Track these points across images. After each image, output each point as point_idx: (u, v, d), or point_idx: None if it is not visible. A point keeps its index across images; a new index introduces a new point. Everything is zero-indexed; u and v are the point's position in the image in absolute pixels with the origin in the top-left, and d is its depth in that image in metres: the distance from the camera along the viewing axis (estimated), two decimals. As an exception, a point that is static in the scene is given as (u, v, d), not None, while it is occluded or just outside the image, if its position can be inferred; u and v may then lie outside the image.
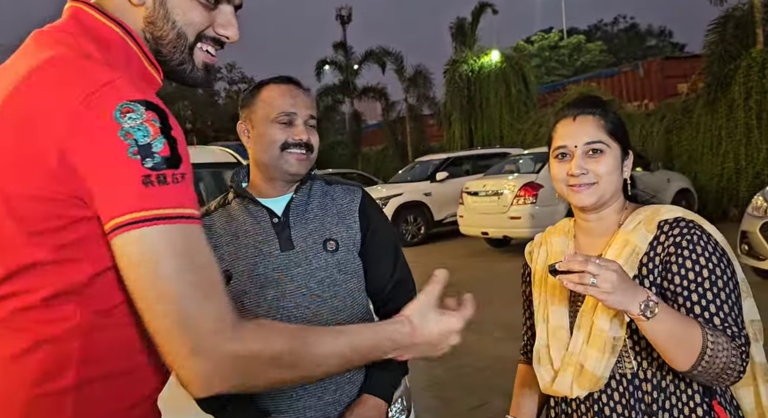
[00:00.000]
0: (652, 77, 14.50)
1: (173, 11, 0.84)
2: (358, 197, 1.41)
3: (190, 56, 0.87)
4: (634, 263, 1.12)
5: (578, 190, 1.15)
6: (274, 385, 0.80)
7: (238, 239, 1.33)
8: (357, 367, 0.94)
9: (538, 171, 8.28)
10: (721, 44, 9.64)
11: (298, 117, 1.31)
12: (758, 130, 9.21)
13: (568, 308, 1.20)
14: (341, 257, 1.34)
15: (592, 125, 1.16)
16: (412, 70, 17.43)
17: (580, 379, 1.12)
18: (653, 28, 42.62)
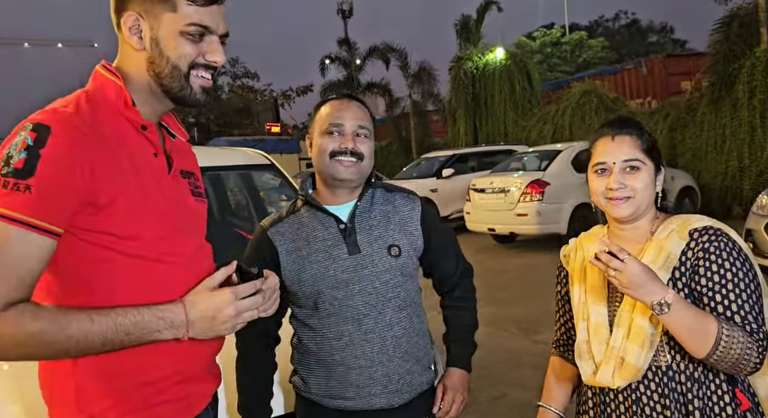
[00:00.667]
0: (655, 75, 14.57)
1: (166, 49, 1.03)
2: (418, 207, 1.53)
3: (187, 83, 1.06)
4: (669, 267, 1.24)
5: (616, 203, 1.27)
6: (30, 359, 0.94)
7: (309, 244, 1.45)
8: (139, 343, 0.96)
9: (544, 169, 8.39)
10: (725, 43, 9.72)
11: (345, 127, 1.43)
12: (762, 129, 9.32)
13: (606, 307, 1.32)
14: (403, 262, 1.46)
15: (630, 144, 1.28)
16: (416, 66, 17.49)
17: (622, 371, 1.24)
18: (654, 24, 42.62)
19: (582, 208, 8.16)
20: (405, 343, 1.45)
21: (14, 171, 0.88)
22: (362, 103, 1.51)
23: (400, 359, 1.44)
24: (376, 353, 1.42)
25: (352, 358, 1.42)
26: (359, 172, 1.44)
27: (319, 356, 1.45)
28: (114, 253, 0.98)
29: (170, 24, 1.02)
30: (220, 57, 1.06)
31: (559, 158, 8.44)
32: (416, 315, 1.51)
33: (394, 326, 1.43)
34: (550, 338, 1.52)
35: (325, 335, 1.44)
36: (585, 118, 12.68)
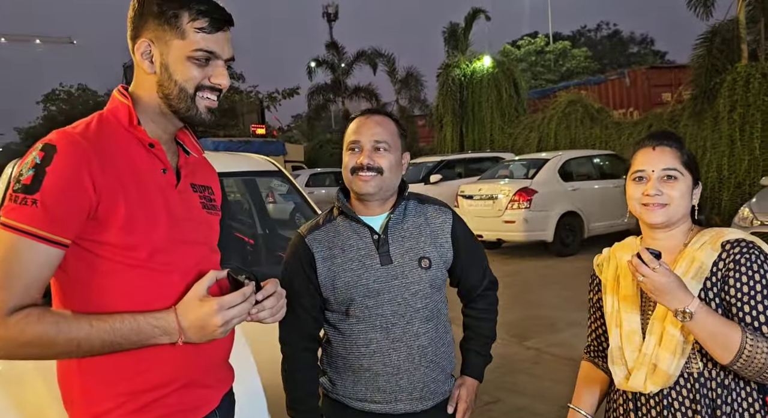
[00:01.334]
0: (638, 86, 14.90)
1: (174, 73, 1.11)
2: (450, 219, 1.57)
3: (193, 104, 1.13)
4: (701, 278, 1.28)
5: (652, 209, 1.31)
6: (35, 359, 1.03)
7: (344, 252, 1.49)
8: (139, 346, 1.03)
9: (531, 177, 8.53)
10: (708, 58, 9.99)
11: (362, 143, 1.48)
12: (741, 143, 9.59)
13: (639, 315, 1.37)
14: (433, 274, 1.50)
15: (670, 155, 1.33)
16: (403, 72, 17.62)
17: (654, 377, 1.29)
18: (635, 35, 43.50)
19: (568, 216, 8.33)
20: (431, 353, 1.49)
21: (23, 187, 0.98)
22: (387, 116, 1.55)
23: (425, 368, 1.48)
24: (403, 361, 1.46)
25: (379, 364, 1.46)
26: (380, 186, 1.47)
27: (348, 360, 1.50)
28: (115, 263, 1.04)
29: (178, 50, 1.10)
30: (224, 80, 1.13)
31: (547, 167, 8.58)
32: (442, 326, 1.55)
33: (421, 336, 1.48)
34: (541, 343, 1.57)
35: (354, 341, 1.48)
36: (570, 127, 12.91)
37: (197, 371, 1.14)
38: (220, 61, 1.13)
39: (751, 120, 9.51)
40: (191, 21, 1.09)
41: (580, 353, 1.62)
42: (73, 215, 1.00)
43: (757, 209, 5.70)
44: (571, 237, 8.45)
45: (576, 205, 8.39)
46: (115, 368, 1.06)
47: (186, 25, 1.09)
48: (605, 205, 8.46)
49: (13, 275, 0.97)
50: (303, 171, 15.78)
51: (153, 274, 1.07)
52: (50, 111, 44.59)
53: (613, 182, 8.87)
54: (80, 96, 43.64)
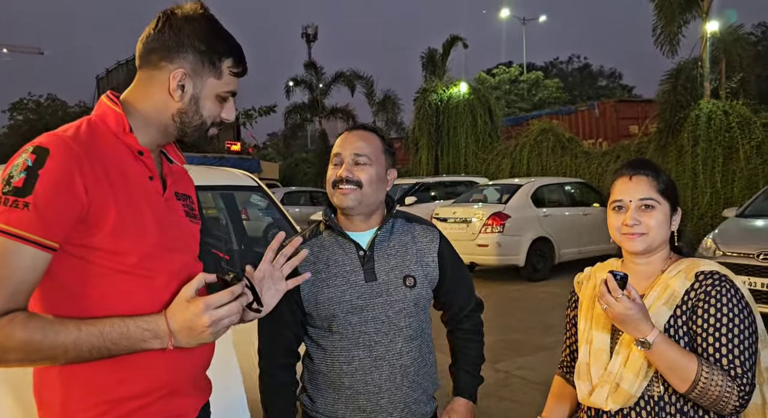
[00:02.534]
0: (607, 117, 15.40)
1: (203, 107, 1.17)
2: (437, 239, 1.55)
3: (205, 134, 1.20)
4: (672, 305, 1.32)
5: (631, 238, 1.36)
6: (23, 364, 1.02)
7: (329, 267, 1.47)
8: (129, 352, 1.02)
9: (505, 202, 8.69)
10: (672, 94, 10.42)
11: (343, 157, 1.47)
12: (703, 176, 9.98)
13: (610, 334, 1.42)
14: (417, 293, 1.48)
15: (646, 185, 1.36)
16: (381, 94, 17.83)
17: (615, 395, 1.32)
18: (604, 69, 45.08)
19: (539, 241, 8.48)
20: (413, 372, 1.47)
21: (14, 190, 0.96)
22: (372, 131, 1.53)
23: (407, 388, 1.46)
24: (384, 380, 1.44)
25: (360, 383, 1.44)
26: (359, 200, 1.45)
27: (329, 377, 1.47)
28: (102, 267, 1.04)
29: (212, 88, 1.16)
30: (233, 116, 1.22)
31: (520, 192, 8.76)
32: (426, 346, 1.53)
33: (404, 355, 1.46)
34: (511, 366, 1.60)
35: (336, 358, 1.46)
36: (542, 154, 13.23)
37: (180, 379, 1.14)
38: (233, 98, 1.21)
39: (713, 155, 9.92)
40: (231, 66, 1.17)
41: (547, 377, 1.64)
42: (64, 218, 0.99)
43: (720, 240, 5.91)
44: (542, 263, 8.59)
45: (547, 231, 8.56)
46: (97, 376, 1.04)
47: (225, 67, 1.16)
48: (575, 232, 8.67)
49: (2, 279, 0.95)
50: (278, 189, 15.71)
51: (140, 280, 1.07)
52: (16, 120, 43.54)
53: (583, 210, 9.11)
54: (49, 106, 42.77)
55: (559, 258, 8.64)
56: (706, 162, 9.96)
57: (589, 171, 12.23)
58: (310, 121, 21.16)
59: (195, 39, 1.13)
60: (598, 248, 8.60)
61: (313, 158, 21.61)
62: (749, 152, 9.65)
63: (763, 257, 5.39)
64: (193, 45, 1.13)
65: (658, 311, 1.33)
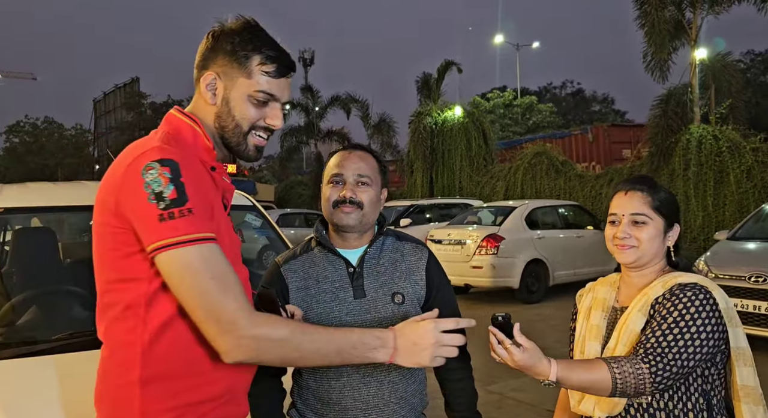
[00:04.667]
0: (600, 142, 15.62)
1: (234, 109, 1.16)
2: (425, 257, 1.56)
3: (244, 140, 1.18)
4: (645, 311, 1.37)
5: (621, 249, 1.42)
6: (283, 362, 1.06)
7: (318, 284, 1.49)
8: (349, 360, 1.07)
9: (499, 224, 8.73)
10: (663, 118, 10.62)
11: (345, 177, 1.49)
12: (695, 199, 10.10)
13: (600, 345, 1.45)
14: (406, 310, 1.48)
15: (639, 200, 1.41)
16: (377, 117, 18.01)
17: (600, 403, 1.37)
18: (597, 94, 45.75)
19: (533, 263, 8.50)
20: (401, 389, 1.48)
21: (172, 202, 0.99)
22: (370, 152, 1.57)
23: (395, 405, 1.47)
24: (372, 396, 1.45)
25: (349, 399, 1.44)
26: (359, 220, 1.48)
27: (318, 392, 1.48)
28: None
29: (242, 88, 1.15)
30: (279, 122, 1.19)
31: (514, 214, 8.80)
32: None
33: (392, 371, 1.46)
34: (505, 388, 1.59)
35: (324, 374, 1.46)
36: (536, 177, 13.35)
37: (238, 388, 1.17)
38: (278, 104, 1.19)
39: (704, 178, 10.06)
40: (260, 64, 1.15)
41: (540, 398, 1.65)
42: (210, 213, 1.06)
43: (712, 263, 5.95)
44: (537, 285, 8.60)
45: (541, 253, 8.58)
46: (176, 381, 1.06)
47: (255, 66, 1.14)
48: (569, 254, 8.70)
49: (224, 277, 1.00)
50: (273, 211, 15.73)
51: None
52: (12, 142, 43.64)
53: (577, 232, 9.16)
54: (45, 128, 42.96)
55: (554, 280, 8.64)
56: (698, 186, 10.09)
57: (583, 194, 12.34)
58: (305, 144, 21.30)
59: (225, 42, 1.15)
60: (593, 270, 8.60)
61: (309, 180, 21.68)
62: (740, 176, 9.79)
63: (754, 279, 5.43)
64: (223, 47, 1.15)
65: (633, 318, 1.38)
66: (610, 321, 1.47)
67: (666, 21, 10.76)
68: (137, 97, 30.92)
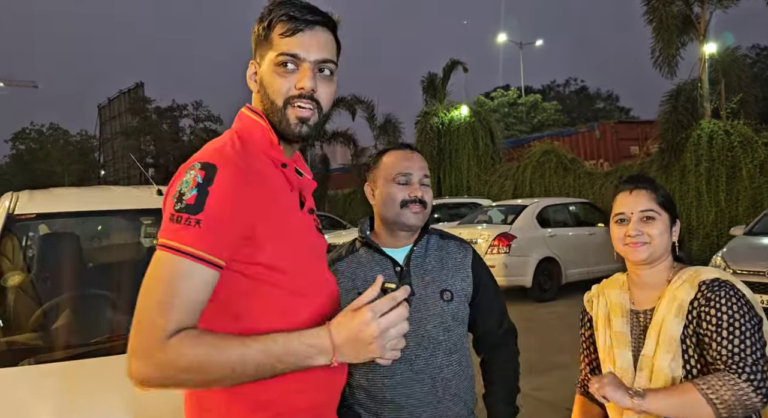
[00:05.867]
0: (607, 139, 15.55)
1: (267, 86, 1.07)
2: (470, 254, 1.59)
3: (284, 115, 1.06)
4: (682, 315, 1.37)
5: (634, 247, 1.42)
6: (196, 386, 0.96)
7: (366, 284, 1.45)
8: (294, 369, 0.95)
9: (510, 223, 8.70)
10: (674, 114, 10.55)
11: (413, 177, 1.50)
12: (707, 195, 10.04)
13: (631, 351, 1.43)
14: (455, 307, 1.51)
15: (646, 197, 1.44)
16: (382, 118, 17.99)
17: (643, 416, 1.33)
18: (601, 91, 45.65)
19: (545, 262, 8.46)
20: (454, 386, 1.49)
21: (186, 207, 0.93)
22: (420, 154, 1.59)
23: (449, 402, 1.47)
24: (426, 393, 1.45)
25: (402, 397, 1.45)
26: (424, 219, 1.52)
27: (371, 392, 1.48)
28: (261, 283, 1.00)
29: (269, 61, 1.06)
30: (308, 83, 1.04)
31: (525, 213, 8.78)
32: (465, 360, 1.55)
33: (444, 368, 1.47)
34: (525, 387, 1.57)
35: (377, 372, 1.46)
36: (545, 175, 13.30)
37: (331, 400, 1.11)
38: (305, 63, 1.05)
39: (716, 174, 9.99)
40: (279, 29, 1.05)
41: (562, 397, 1.63)
42: (233, 235, 0.96)
43: (729, 258, 5.93)
44: (549, 283, 8.56)
45: (553, 252, 8.55)
46: (263, 390, 0.98)
47: (275, 35, 1.05)
48: (581, 252, 8.66)
49: (175, 297, 0.91)
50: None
51: (296, 298, 1.03)
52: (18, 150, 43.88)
53: (588, 230, 9.12)
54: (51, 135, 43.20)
55: (566, 278, 8.61)
56: (710, 181, 10.03)
57: (592, 191, 12.28)
58: (311, 146, 21.30)
59: (254, 27, 1.09)
60: (606, 267, 8.56)
61: (315, 182, 21.63)
62: (752, 171, 9.73)
63: (774, 274, 5.40)
64: (253, 32, 1.09)
65: (671, 324, 1.37)
66: (634, 326, 1.46)
67: (674, 16, 10.70)
68: (142, 102, 31.08)
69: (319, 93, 1.07)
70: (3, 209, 2.28)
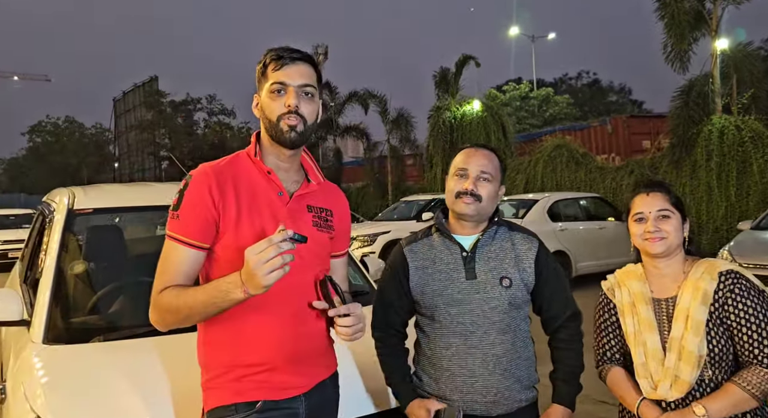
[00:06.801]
0: (619, 133, 15.56)
1: (265, 109, 1.42)
2: (535, 247, 1.71)
3: (278, 127, 1.40)
4: (707, 303, 1.57)
5: (653, 241, 1.63)
6: (176, 322, 1.35)
7: (435, 264, 1.70)
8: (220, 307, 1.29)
9: (522, 216, 8.85)
10: (685, 109, 10.60)
11: (469, 172, 1.68)
12: (718, 190, 10.11)
13: (658, 335, 1.63)
14: (512, 293, 1.65)
15: (661, 199, 1.66)
16: (394, 112, 18.10)
17: (677, 385, 1.56)
18: (614, 84, 45.31)
19: (556, 255, 8.56)
20: (505, 362, 1.64)
21: (173, 206, 1.37)
22: (494, 152, 1.75)
23: (499, 376, 1.63)
24: (478, 366, 1.63)
25: (456, 366, 1.64)
26: (477, 211, 1.67)
27: (432, 359, 1.69)
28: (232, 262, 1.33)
29: (265, 90, 1.42)
30: (292, 101, 1.38)
31: (536, 207, 8.93)
32: (520, 341, 1.69)
33: (496, 345, 1.63)
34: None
35: (437, 343, 1.67)
36: (556, 170, 13.39)
37: (279, 360, 1.39)
38: (291, 87, 1.39)
39: (727, 169, 10.06)
40: (271, 66, 1.41)
41: (585, 387, 1.75)
42: (201, 222, 1.36)
43: (735, 252, 6.07)
44: (563, 275, 8.69)
45: (564, 245, 8.70)
46: (224, 345, 1.39)
47: (269, 71, 1.41)
48: (591, 246, 8.80)
49: (166, 266, 1.36)
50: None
51: None
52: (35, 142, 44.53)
53: (599, 224, 9.25)
54: (67, 128, 43.78)
55: (576, 271, 8.75)
56: (720, 176, 10.10)
57: (604, 186, 12.37)
58: (324, 140, 21.50)
59: (258, 69, 1.45)
60: (616, 261, 8.64)
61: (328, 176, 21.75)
62: (763, 166, 9.79)
63: (779, 267, 5.54)
64: (257, 73, 1.45)
65: (696, 312, 1.56)
66: (657, 312, 1.66)
67: (686, 12, 10.73)
68: (156, 96, 31.44)
69: (302, 109, 1.40)
70: (63, 205, 2.51)
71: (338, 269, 1.63)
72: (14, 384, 1.86)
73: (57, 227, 2.39)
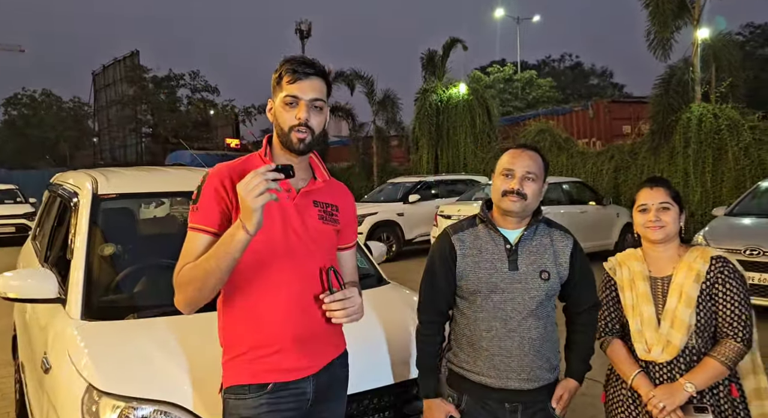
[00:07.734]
0: (600, 118, 15.84)
1: (278, 117, 1.56)
2: (570, 244, 1.88)
3: (289, 138, 1.54)
4: (699, 281, 1.86)
5: (654, 229, 1.91)
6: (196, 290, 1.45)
7: (480, 254, 1.83)
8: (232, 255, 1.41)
9: (507, 200, 9.06)
10: (665, 97, 10.88)
11: (515, 172, 1.80)
12: (694, 176, 10.46)
13: (654, 307, 1.90)
14: (550, 285, 1.81)
15: (663, 193, 1.93)
16: (381, 94, 18.11)
17: (669, 349, 1.85)
18: (596, 68, 45.66)
19: (539, 237, 8.83)
20: (538, 345, 1.80)
21: (193, 200, 1.54)
22: (538, 152, 1.86)
23: (533, 356, 1.80)
24: (515, 347, 1.79)
25: (496, 347, 1.80)
26: (522, 208, 1.80)
27: (471, 339, 1.84)
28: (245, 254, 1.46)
29: (279, 99, 1.55)
30: (303, 114, 1.52)
31: (521, 191, 9.14)
32: (551, 326, 1.86)
33: (532, 330, 1.79)
34: None
35: (478, 326, 1.82)
36: (539, 154, 13.62)
37: (287, 340, 1.55)
38: (302, 101, 1.52)
39: (704, 156, 10.40)
40: (286, 78, 1.53)
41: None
42: (217, 213, 1.50)
43: (710, 237, 6.37)
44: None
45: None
46: (239, 328, 1.55)
47: (284, 82, 1.54)
48: (573, 229, 8.88)
49: (186, 251, 1.51)
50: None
51: (266, 256, 1.52)
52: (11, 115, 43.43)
53: (580, 208, 9.56)
54: (44, 101, 42.73)
55: (558, 254, 9.02)
56: (697, 163, 10.43)
57: (585, 170, 12.68)
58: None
59: (273, 77, 1.58)
60: (596, 244, 9.05)
61: (312, 155, 21.75)
62: (737, 154, 10.14)
63: (749, 252, 5.88)
64: (273, 81, 1.58)
65: (689, 288, 1.85)
66: (653, 288, 1.94)
67: (669, 0, 10.95)
68: (138, 71, 30.85)
69: (312, 122, 1.54)
70: (87, 190, 2.64)
71: (347, 260, 1.78)
72: (58, 356, 2.03)
73: (83, 211, 2.52)
